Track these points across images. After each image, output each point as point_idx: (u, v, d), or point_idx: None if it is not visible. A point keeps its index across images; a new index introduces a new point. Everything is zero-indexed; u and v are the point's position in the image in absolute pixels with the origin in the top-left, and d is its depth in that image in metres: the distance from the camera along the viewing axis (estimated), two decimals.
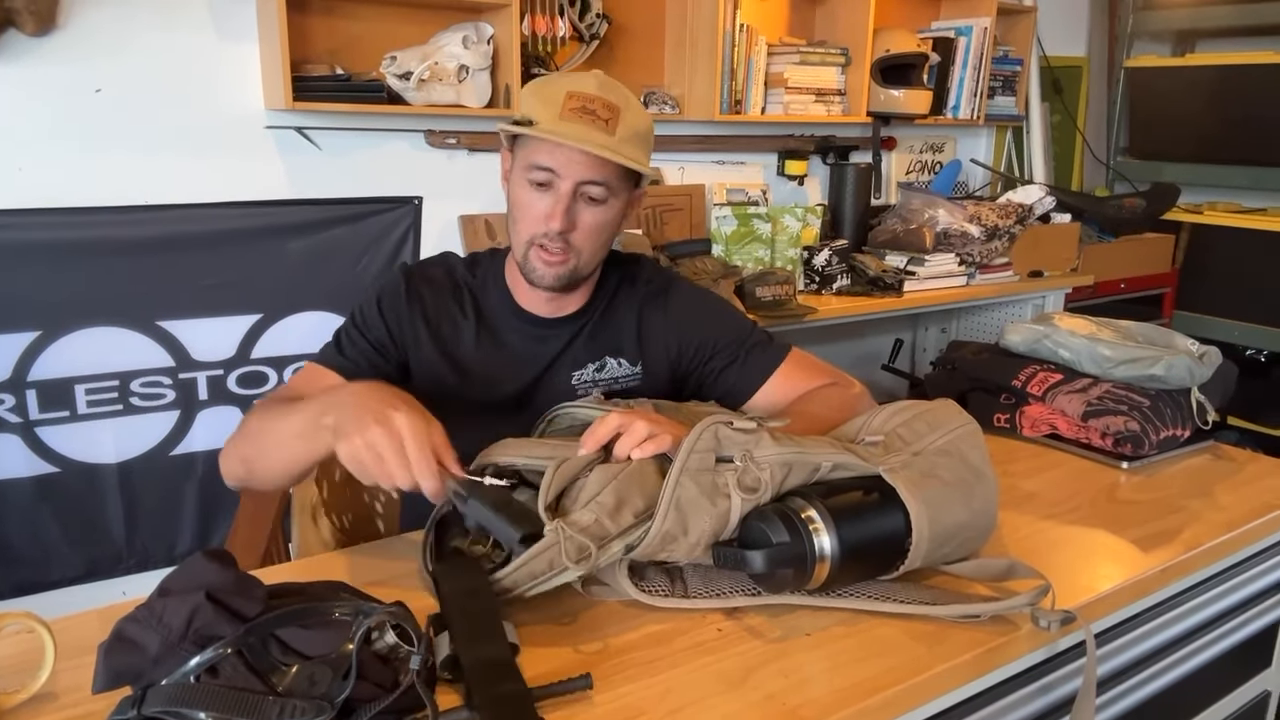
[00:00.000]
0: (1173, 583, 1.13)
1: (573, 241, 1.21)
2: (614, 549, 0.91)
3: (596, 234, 1.23)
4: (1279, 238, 3.28)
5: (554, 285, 1.24)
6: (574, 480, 0.95)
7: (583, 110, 1.16)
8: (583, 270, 1.25)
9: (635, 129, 1.19)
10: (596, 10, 2.48)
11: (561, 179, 1.18)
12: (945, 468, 1.00)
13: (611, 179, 1.20)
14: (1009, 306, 3.15)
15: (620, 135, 1.17)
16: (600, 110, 1.16)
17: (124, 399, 2.15)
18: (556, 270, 1.22)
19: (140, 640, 0.71)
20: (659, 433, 0.97)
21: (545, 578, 0.90)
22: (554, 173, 1.18)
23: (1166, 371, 1.40)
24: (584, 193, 1.19)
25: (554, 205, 1.19)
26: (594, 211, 1.21)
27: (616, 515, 0.91)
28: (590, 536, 0.89)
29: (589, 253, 1.24)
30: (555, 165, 1.18)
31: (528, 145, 1.20)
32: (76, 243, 2.03)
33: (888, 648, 0.90)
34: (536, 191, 1.20)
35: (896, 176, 3.36)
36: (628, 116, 1.19)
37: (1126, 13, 3.68)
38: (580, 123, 1.15)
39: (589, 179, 1.18)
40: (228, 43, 2.12)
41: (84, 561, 2.17)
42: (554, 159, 1.17)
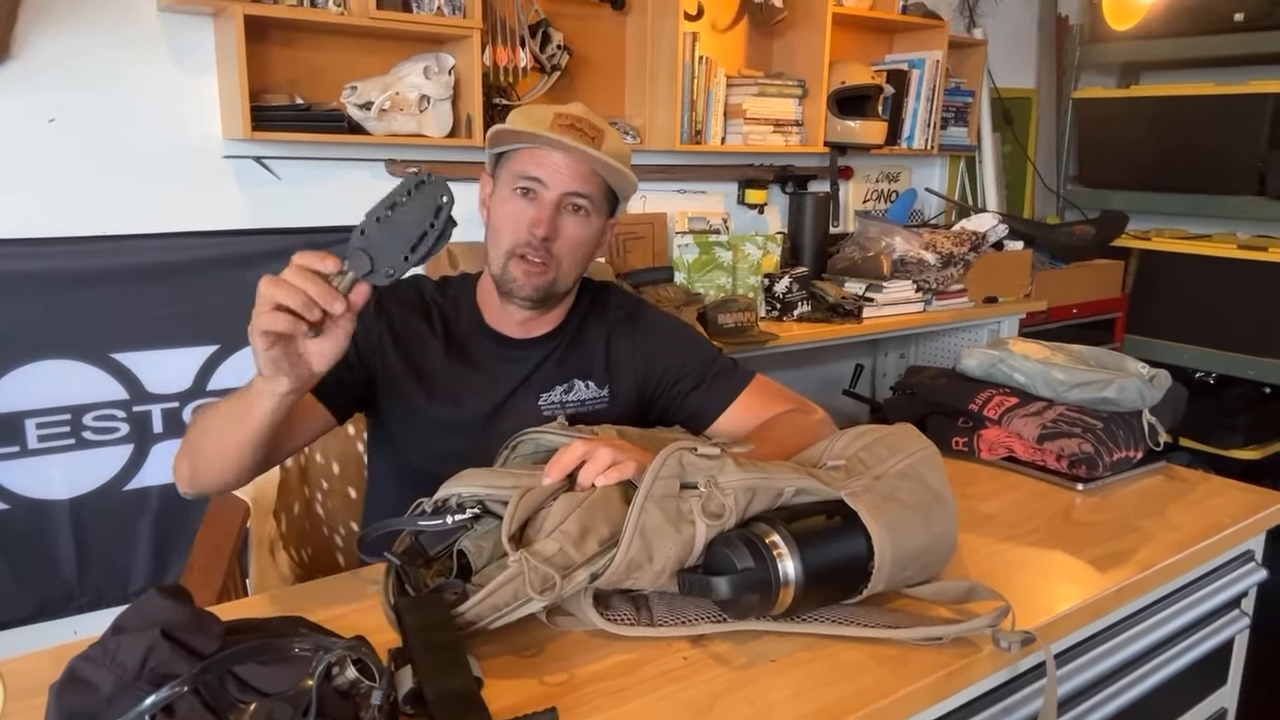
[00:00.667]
0: (1129, 602, 1.15)
1: (555, 251, 1.24)
2: (579, 578, 0.90)
3: (577, 247, 1.26)
4: (1225, 263, 3.37)
5: (532, 297, 1.25)
6: (538, 510, 0.94)
7: (571, 127, 1.21)
8: (561, 284, 1.27)
9: (617, 151, 1.25)
10: (558, 42, 2.50)
11: (548, 188, 1.22)
12: (906, 491, 1.01)
13: (595, 193, 1.25)
14: (965, 332, 3.20)
15: (605, 152, 1.22)
16: (587, 129, 1.22)
17: (76, 433, 2.10)
18: (536, 281, 1.24)
19: (93, 679, 0.69)
20: (623, 459, 0.98)
21: (510, 609, 0.90)
22: (541, 182, 1.22)
23: (1118, 394, 1.43)
24: (569, 204, 1.24)
25: (539, 213, 1.23)
26: (577, 223, 1.25)
27: (581, 544, 0.91)
28: (554, 566, 0.88)
29: (568, 265, 1.26)
30: (543, 175, 1.22)
31: (515, 160, 1.24)
32: (28, 274, 1.99)
33: (852, 672, 0.90)
34: (523, 201, 1.24)
35: (854, 205, 3.41)
36: (610, 139, 1.24)
37: (1073, 45, 3.79)
38: (569, 137, 1.20)
39: (575, 190, 1.23)
40: (185, 72, 2.10)
41: (34, 600, 2.11)
42: (542, 169, 1.22)
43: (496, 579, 0.88)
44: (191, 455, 1.11)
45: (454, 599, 0.92)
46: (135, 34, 2.04)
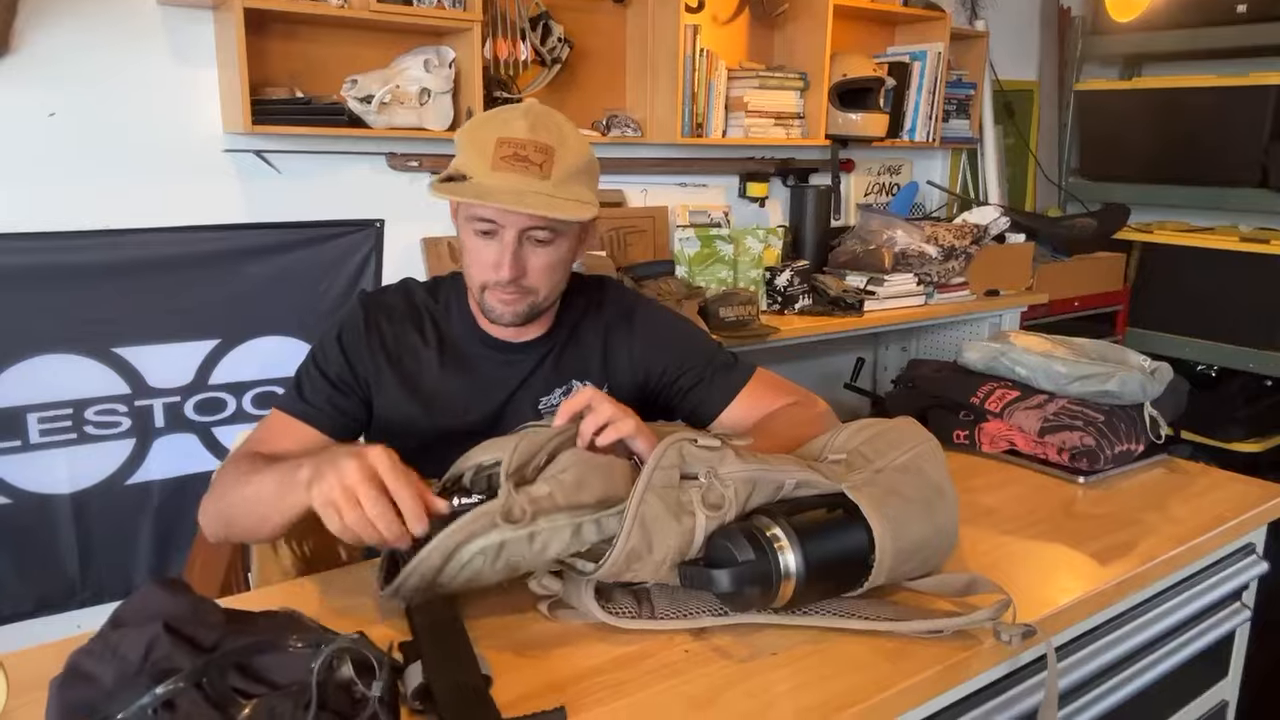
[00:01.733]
0: (1130, 595, 1.15)
1: (526, 285, 1.20)
2: (559, 523, 0.91)
3: (549, 273, 1.22)
4: (1226, 256, 3.36)
5: (514, 322, 1.24)
6: (549, 457, 0.96)
7: (514, 158, 1.13)
8: (542, 305, 1.25)
9: (572, 167, 1.16)
10: (558, 34, 2.50)
11: (504, 229, 1.17)
12: (907, 484, 1.01)
13: (555, 221, 1.17)
14: (967, 325, 3.20)
15: (556, 177, 1.14)
16: (533, 155, 1.13)
17: (78, 427, 2.10)
18: (515, 308, 1.22)
19: (95, 673, 0.70)
20: (621, 418, 1.00)
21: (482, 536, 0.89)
22: (495, 223, 1.17)
23: (1120, 387, 1.42)
24: (529, 236, 1.18)
25: (500, 254, 1.17)
26: (542, 253, 1.20)
27: (572, 495, 0.91)
28: (536, 506, 0.89)
29: (545, 290, 1.23)
30: (495, 217, 1.17)
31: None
32: (29, 268, 1.99)
33: (853, 665, 0.90)
34: (482, 239, 1.19)
35: (855, 198, 3.40)
36: (563, 155, 1.15)
37: (1076, 37, 3.77)
38: (513, 171, 1.13)
39: (530, 226, 1.17)
40: (185, 65, 2.10)
41: (36, 595, 2.11)
42: (493, 212, 1.16)
43: (480, 507, 0.90)
44: (225, 514, 1.11)
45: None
46: (135, 27, 2.03)
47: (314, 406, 1.24)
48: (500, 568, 0.92)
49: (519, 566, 0.93)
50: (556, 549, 0.92)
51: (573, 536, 0.92)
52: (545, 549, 0.92)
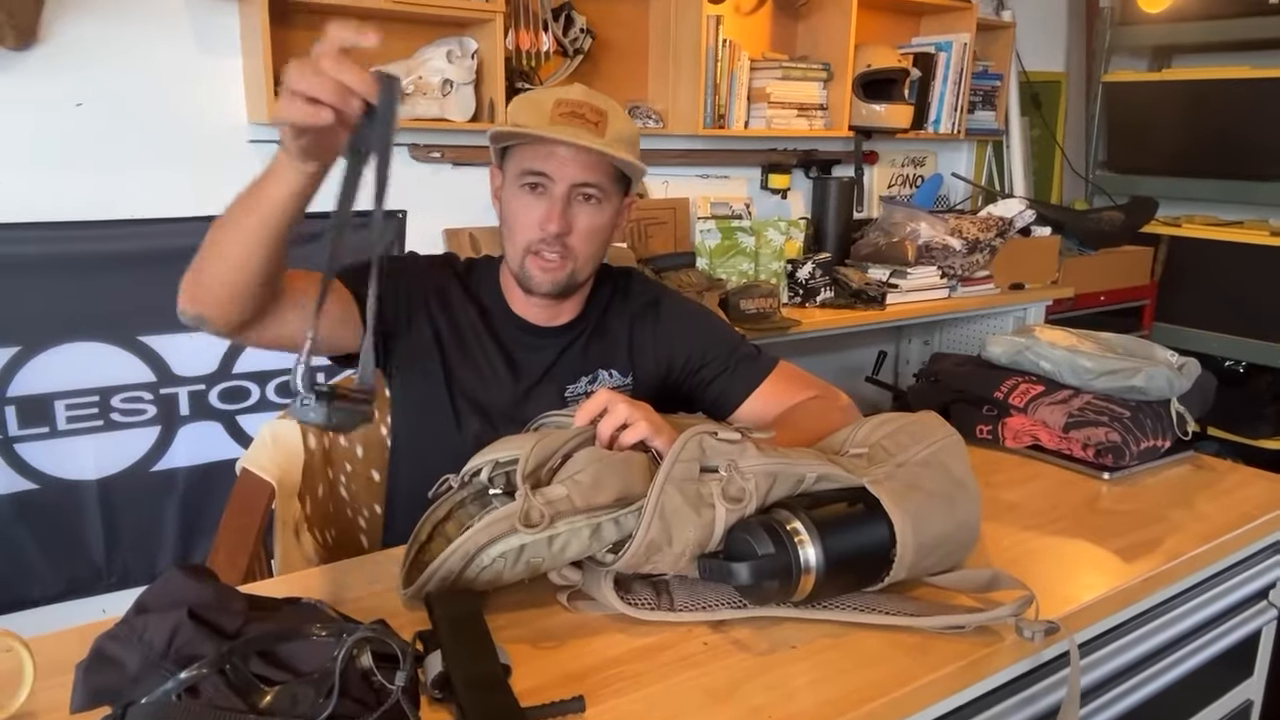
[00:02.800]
0: (1155, 592, 1.14)
1: (570, 244, 1.22)
2: (578, 525, 0.90)
3: (592, 236, 1.24)
4: (1256, 250, 3.31)
5: (552, 291, 1.25)
6: (565, 456, 0.96)
7: (572, 115, 1.18)
8: (580, 275, 1.26)
9: (622, 134, 1.22)
10: (581, 25, 2.49)
11: (555, 182, 1.20)
12: (929, 479, 1.00)
13: (604, 181, 1.22)
14: (990, 319, 3.18)
15: (610, 137, 1.19)
16: (589, 114, 1.19)
17: (104, 415, 2.13)
18: (554, 276, 1.24)
19: (120, 658, 0.70)
20: (636, 419, 0.99)
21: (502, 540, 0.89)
22: (548, 176, 1.20)
23: (1146, 383, 1.41)
24: (579, 194, 1.21)
25: (550, 208, 1.20)
26: (589, 213, 1.23)
27: (590, 496, 0.91)
28: (554, 510, 0.89)
29: (585, 256, 1.25)
30: (549, 169, 1.20)
31: (520, 154, 1.22)
32: (57, 257, 2.01)
33: (873, 659, 0.90)
34: (531, 196, 1.21)
35: (878, 190, 3.38)
36: (615, 122, 1.21)
37: (1104, 28, 3.73)
38: (570, 125, 1.17)
39: (582, 180, 1.20)
40: (211, 56, 2.11)
41: (63, 579, 2.14)
42: (547, 164, 1.19)
43: (498, 510, 0.90)
44: (199, 262, 1.03)
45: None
46: (161, 18, 2.05)
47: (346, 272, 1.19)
48: (521, 569, 0.92)
49: (539, 567, 0.93)
50: (576, 550, 0.92)
51: (592, 537, 0.92)
52: (565, 550, 0.92)
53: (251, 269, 1.00)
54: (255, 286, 1.03)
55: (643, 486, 0.94)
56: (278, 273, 1.04)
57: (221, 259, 1.01)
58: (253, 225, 0.96)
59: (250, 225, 0.96)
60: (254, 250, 0.98)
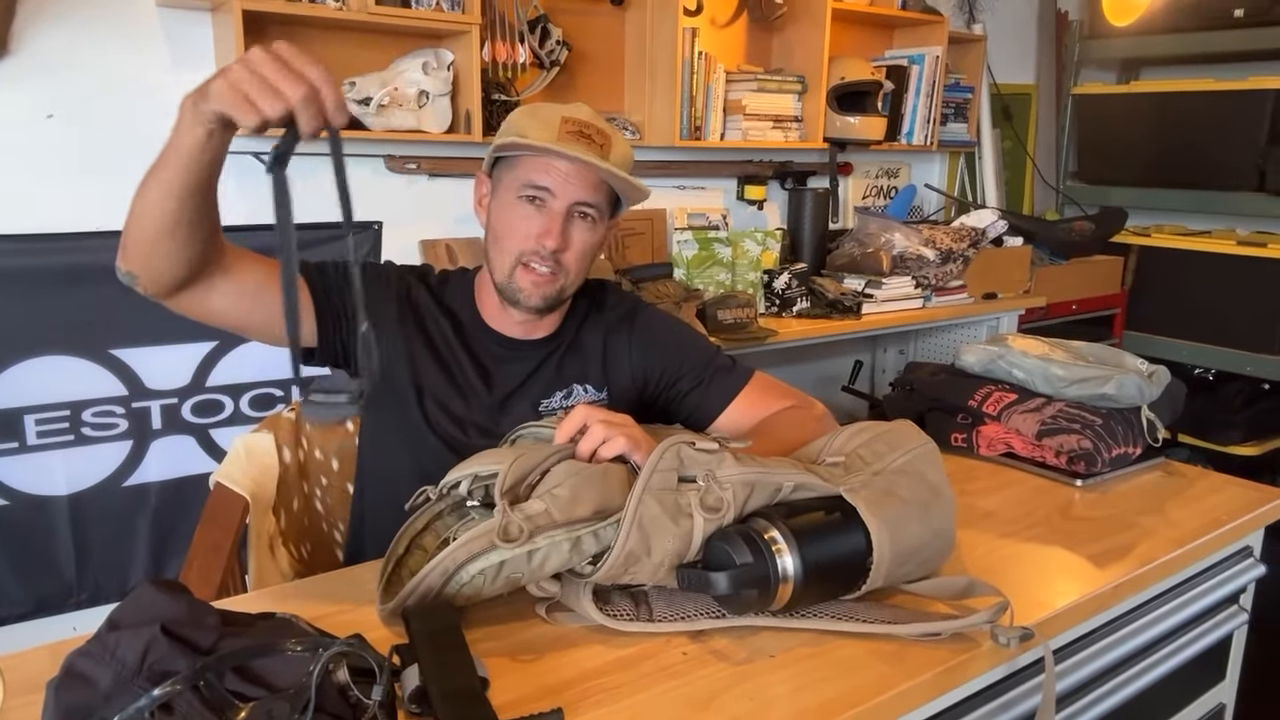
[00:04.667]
0: (1128, 598, 1.16)
1: (563, 261, 1.22)
2: (557, 538, 0.90)
3: (584, 255, 1.25)
4: (1224, 259, 3.37)
5: (540, 305, 1.24)
6: (544, 472, 0.96)
7: (579, 134, 1.19)
8: (567, 291, 1.26)
9: (624, 158, 1.23)
10: (557, 37, 2.50)
11: (556, 198, 1.20)
12: (904, 487, 1.01)
13: (602, 201, 1.23)
14: (964, 328, 3.20)
15: (613, 161, 1.20)
16: (595, 135, 1.20)
17: (75, 429, 2.10)
18: (544, 290, 1.23)
19: (92, 675, 0.69)
20: (613, 435, 0.99)
21: (482, 557, 0.89)
22: (550, 192, 1.20)
23: (1117, 390, 1.43)
24: (577, 212, 1.21)
25: (549, 223, 1.20)
26: (584, 231, 1.23)
27: (568, 510, 0.91)
28: (533, 524, 0.89)
29: (575, 273, 1.25)
30: (552, 185, 1.19)
31: (519, 166, 1.21)
32: (27, 270, 1.99)
33: (851, 667, 0.90)
34: (530, 208, 1.21)
35: (853, 201, 3.41)
36: (618, 145, 1.22)
37: (1073, 41, 3.78)
38: (578, 144, 1.18)
39: (584, 199, 1.21)
40: (184, 67, 2.10)
41: (33, 597, 2.11)
42: (551, 178, 1.19)
43: (478, 527, 0.90)
44: (129, 216, 1.04)
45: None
46: (133, 29, 2.03)
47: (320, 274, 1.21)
48: (500, 584, 0.92)
49: (519, 581, 0.93)
50: (556, 563, 0.92)
51: (571, 550, 0.92)
52: (545, 564, 0.91)
53: (172, 221, 1.00)
54: (180, 243, 1.02)
55: (621, 498, 0.94)
56: (206, 236, 1.02)
57: (145, 214, 1.01)
58: (169, 178, 0.97)
59: (167, 178, 0.97)
60: (172, 202, 0.98)
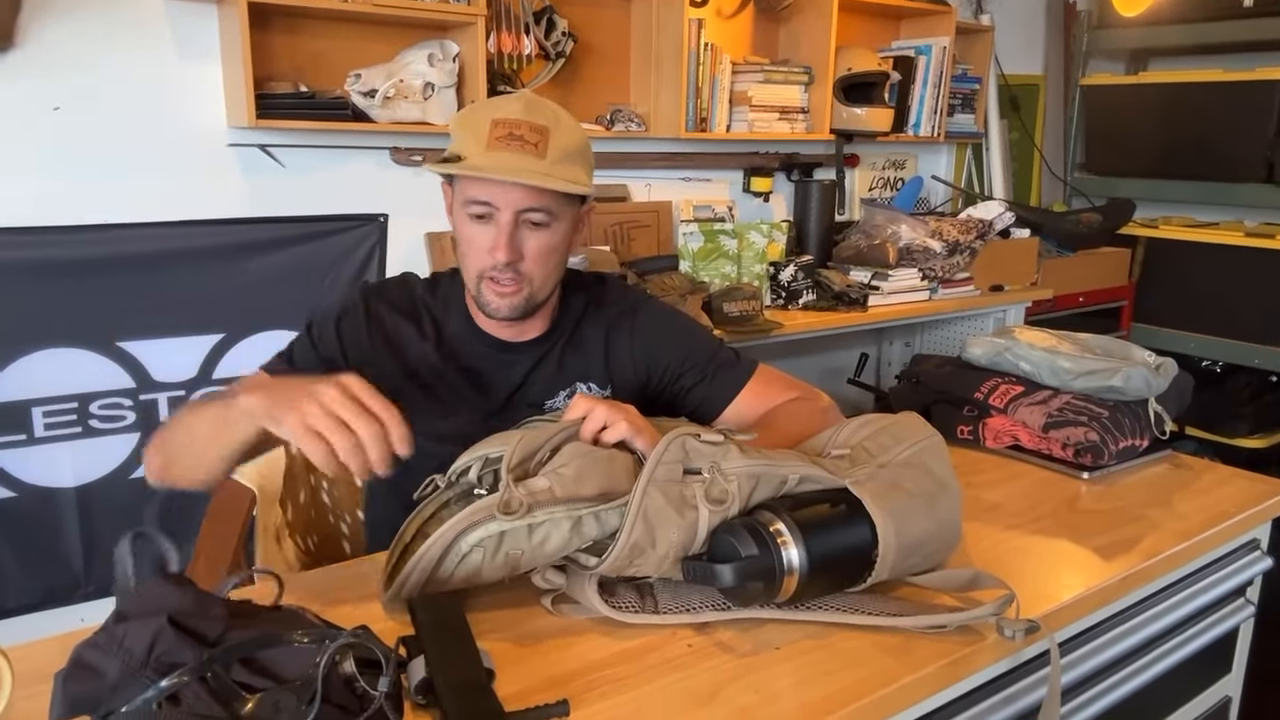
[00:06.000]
0: (1134, 590, 1.15)
1: (523, 270, 1.19)
2: (557, 516, 0.91)
3: (545, 258, 1.21)
4: (1232, 251, 3.35)
5: (510, 315, 1.22)
6: (553, 451, 0.97)
7: (509, 137, 1.13)
8: (538, 296, 1.23)
9: (567, 148, 1.16)
10: (562, 28, 2.49)
11: (500, 210, 1.16)
12: (910, 480, 1.01)
13: (551, 203, 1.17)
14: (971, 320, 3.20)
15: (552, 158, 1.14)
16: (528, 134, 1.14)
17: (83, 421, 2.11)
18: (511, 300, 1.21)
19: (99, 666, 0.70)
20: (615, 420, 1.00)
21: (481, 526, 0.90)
22: (491, 205, 1.16)
23: (1124, 383, 1.42)
24: (525, 219, 1.17)
25: (496, 237, 1.17)
26: (539, 236, 1.19)
27: (572, 488, 0.92)
28: (534, 499, 0.90)
29: (541, 278, 1.22)
30: (490, 198, 1.16)
31: (462, 180, 1.18)
32: (35, 262, 1.99)
33: (856, 660, 0.90)
34: (478, 225, 1.18)
35: (860, 193, 3.40)
36: (557, 137, 1.16)
37: (1081, 32, 3.76)
38: (508, 150, 1.13)
39: (527, 206, 1.16)
40: (190, 60, 2.10)
41: (41, 588, 2.12)
42: (489, 192, 1.16)
43: (479, 501, 0.91)
44: (165, 451, 1.09)
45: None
46: (139, 22, 2.03)
47: (301, 371, 1.22)
48: (500, 563, 0.92)
49: (519, 563, 0.93)
50: (556, 543, 0.92)
51: (572, 530, 0.92)
52: (545, 542, 0.92)
53: (218, 470, 1.06)
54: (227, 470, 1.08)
55: (626, 484, 0.94)
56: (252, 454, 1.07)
57: (190, 466, 1.07)
58: (216, 450, 1.02)
59: (214, 450, 1.02)
60: (219, 464, 1.04)
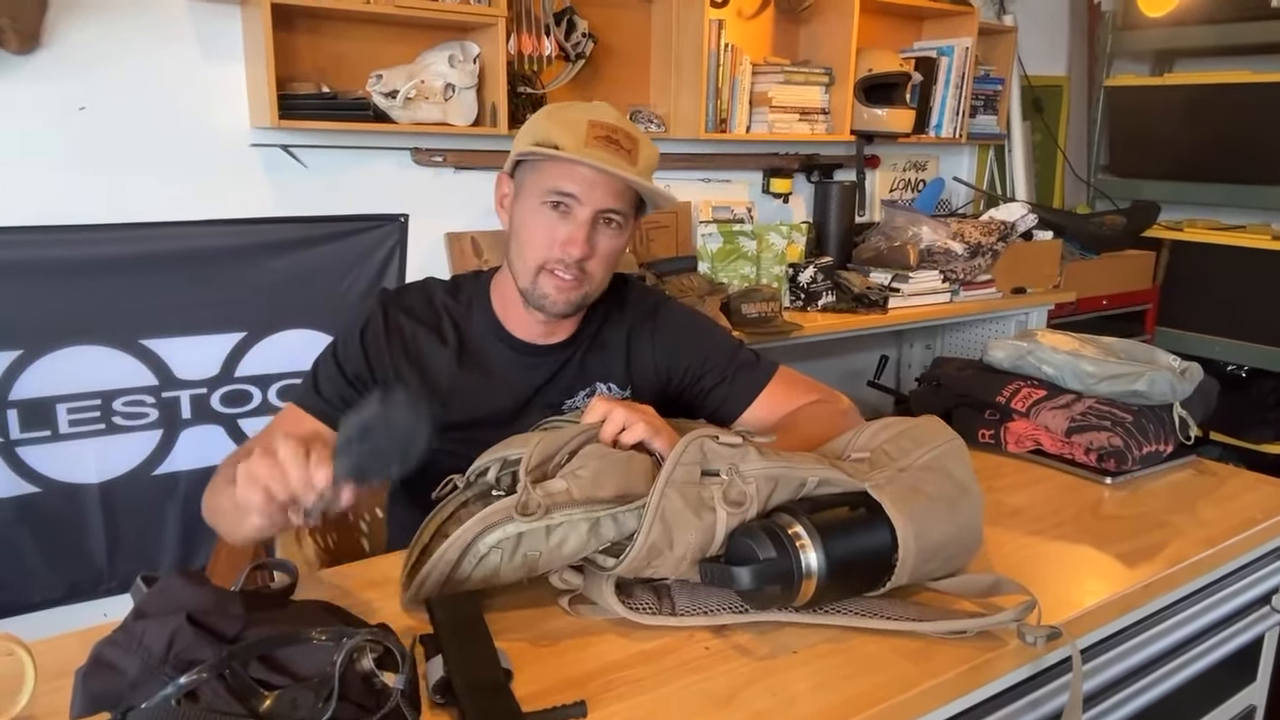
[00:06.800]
0: (1157, 597, 1.14)
1: (588, 268, 1.21)
2: (575, 518, 0.91)
3: (609, 261, 1.24)
4: (1258, 254, 3.31)
5: (564, 311, 1.23)
6: (571, 453, 0.97)
7: (607, 140, 1.16)
8: (591, 296, 1.25)
9: (650, 161, 1.21)
10: (582, 30, 2.49)
11: (583, 205, 1.18)
12: (930, 483, 1.00)
13: (627, 207, 1.21)
14: (992, 323, 3.17)
15: (640, 167, 1.18)
16: (623, 140, 1.17)
17: (106, 418, 2.13)
18: (569, 295, 1.22)
19: (119, 664, 0.70)
20: (634, 422, 1.01)
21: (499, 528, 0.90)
22: (576, 199, 1.17)
23: (1149, 387, 1.41)
24: (603, 218, 1.20)
25: (574, 231, 1.18)
26: (610, 238, 1.22)
27: (589, 490, 0.92)
28: (552, 500, 0.90)
29: (600, 279, 1.24)
30: (578, 191, 1.17)
31: (544, 170, 1.19)
32: (59, 261, 2.01)
33: (875, 665, 0.90)
34: (555, 214, 1.19)
35: (880, 194, 3.38)
36: (644, 148, 1.20)
37: (1106, 32, 3.72)
38: (606, 150, 1.15)
39: (610, 207, 1.19)
40: (213, 60, 2.11)
41: (65, 583, 2.14)
42: (578, 185, 1.17)
43: (497, 503, 0.91)
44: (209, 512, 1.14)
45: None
46: (164, 22, 2.05)
47: (329, 404, 1.24)
48: (518, 564, 0.92)
49: (537, 564, 0.93)
50: (574, 545, 0.92)
51: (590, 532, 0.92)
52: (563, 544, 0.92)
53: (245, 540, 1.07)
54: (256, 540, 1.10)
55: (644, 486, 0.94)
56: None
57: (225, 534, 1.11)
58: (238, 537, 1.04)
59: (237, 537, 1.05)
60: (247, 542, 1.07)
